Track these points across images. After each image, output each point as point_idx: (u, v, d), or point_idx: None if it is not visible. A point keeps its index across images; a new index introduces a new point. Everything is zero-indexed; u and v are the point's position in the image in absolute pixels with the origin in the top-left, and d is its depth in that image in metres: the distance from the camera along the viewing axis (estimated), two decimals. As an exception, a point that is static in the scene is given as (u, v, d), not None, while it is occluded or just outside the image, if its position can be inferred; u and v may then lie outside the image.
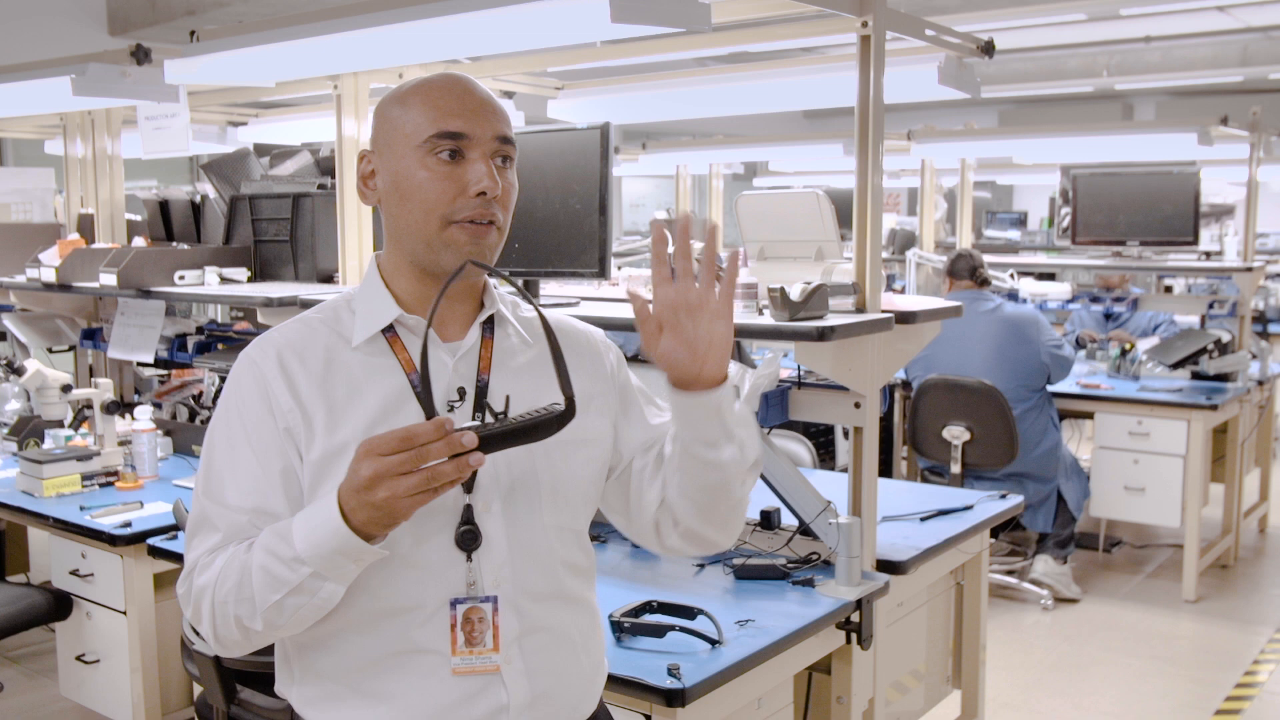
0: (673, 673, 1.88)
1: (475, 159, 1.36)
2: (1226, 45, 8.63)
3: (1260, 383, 5.25)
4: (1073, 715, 3.74)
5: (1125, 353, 5.30)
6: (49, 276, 3.86)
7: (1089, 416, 5.10)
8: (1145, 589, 4.93)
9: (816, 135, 7.34)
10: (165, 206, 4.24)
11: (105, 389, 3.37)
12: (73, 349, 4.41)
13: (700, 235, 1.32)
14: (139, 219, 4.41)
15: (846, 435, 3.56)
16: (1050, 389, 4.66)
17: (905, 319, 2.42)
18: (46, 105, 3.89)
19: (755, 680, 2.05)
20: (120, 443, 3.38)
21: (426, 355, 1.26)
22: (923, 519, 2.82)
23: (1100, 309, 6.01)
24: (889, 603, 2.45)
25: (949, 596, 2.95)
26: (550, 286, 2.92)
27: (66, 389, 3.69)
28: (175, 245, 4.01)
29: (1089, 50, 9.06)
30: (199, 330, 3.87)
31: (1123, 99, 12.00)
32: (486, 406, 1.36)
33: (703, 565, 2.51)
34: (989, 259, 4.99)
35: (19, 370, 3.79)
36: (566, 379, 1.26)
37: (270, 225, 3.64)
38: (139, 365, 4.21)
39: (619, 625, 2.04)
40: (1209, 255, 5.60)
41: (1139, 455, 4.80)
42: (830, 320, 2.25)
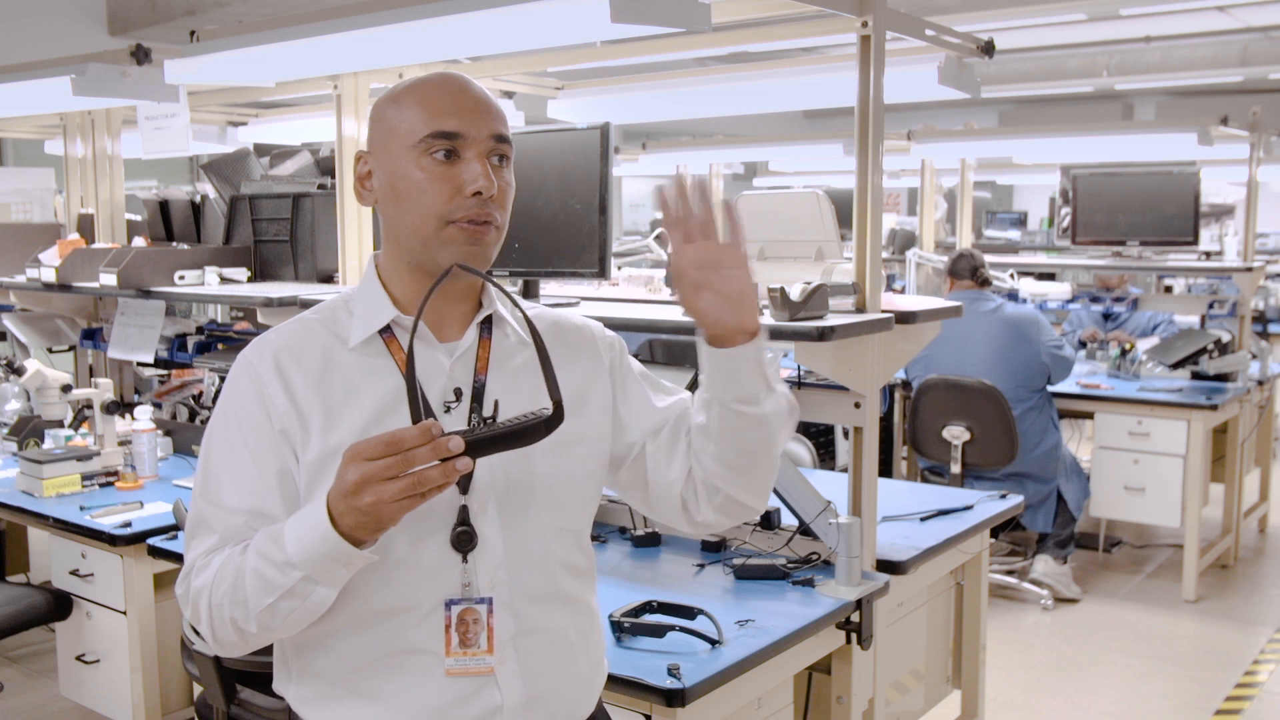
0: (673, 673, 1.88)
1: (471, 159, 1.35)
2: (1226, 45, 8.63)
3: (1260, 383, 5.25)
4: (1073, 715, 3.74)
5: (1125, 353, 5.30)
6: (49, 276, 3.86)
7: (1089, 416, 5.10)
8: (1145, 589, 4.93)
9: (816, 135, 7.35)
10: (165, 206, 4.24)
11: (105, 389, 3.37)
12: (73, 349, 4.41)
13: (694, 197, 1.34)
14: (139, 219, 4.41)
15: (846, 435, 3.56)
16: (1050, 389, 4.66)
17: (905, 319, 2.41)
18: (46, 105, 3.89)
19: (755, 680, 2.05)
20: (120, 443, 3.38)
21: (413, 358, 1.25)
22: (923, 519, 2.82)
23: (1100, 309, 6.01)
24: (889, 603, 2.45)
25: (949, 596, 2.95)
26: (550, 286, 2.92)
27: (66, 389, 3.69)
28: (175, 245, 4.00)
29: (1089, 50, 9.06)
30: (199, 330, 3.87)
31: (1123, 99, 12.01)
32: (475, 411, 1.36)
33: (703, 565, 2.51)
34: (989, 259, 4.99)
35: (19, 370, 3.79)
36: (555, 385, 1.25)
37: (270, 225, 3.64)
38: (139, 365, 4.21)
39: (619, 625, 2.04)
40: (1209, 255, 5.60)
41: (1139, 455, 4.80)
42: (830, 320, 2.25)
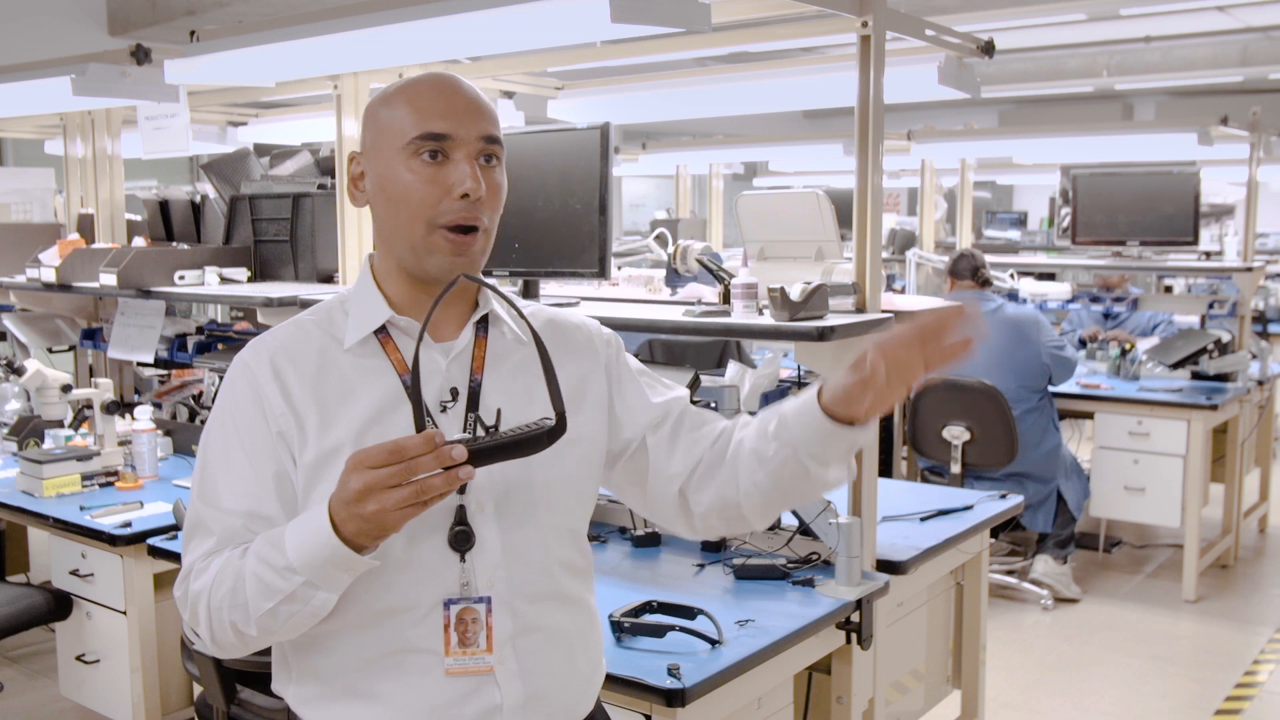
0: (673, 673, 1.88)
1: (459, 160, 1.34)
2: (1226, 45, 8.63)
3: (1260, 383, 5.25)
4: (1073, 715, 3.74)
5: (1125, 353, 5.30)
6: (49, 276, 3.86)
7: (1089, 416, 5.10)
8: (1145, 589, 4.93)
9: (816, 135, 7.34)
10: (165, 206, 4.24)
11: (105, 389, 3.37)
12: (73, 349, 4.41)
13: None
14: (139, 219, 4.41)
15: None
16: (1051, 389, 4.66)
17: (905, 319, 2.41)
18: (46, 105, 3.89)
19: (755, 680, 2.05)
20: (120, 443, 3.38)
21: (417, 367, 1.25)
22: (923, 519, 2.82)
23: (1100, 309, 6.00)
24: (889, 603, 2.45)
25: (949, 596, 2.95)
26: (550, 286, 2.92)
27: (66, 389, 3.69)
28: (175, 245, 4.01)
29: (1089, 50, 9.06)
30: (199, 330, 3.87)
31: (1123, 99, 12.00)
32: (478, 419, 1.36)
33: (703, 565, 2.51)
34: (989, 259, 4.98)
35: (19, 370, 3.79)
36: (558, 395, 1.26)
37: (270, 225, 3.64)
38: (139, 365, 4.21)
39: (619, 625, 2.04)
40: (1209, 255, 5.59)
41: (1139, 455, 4.80)
42: (830, 320, 2.25)
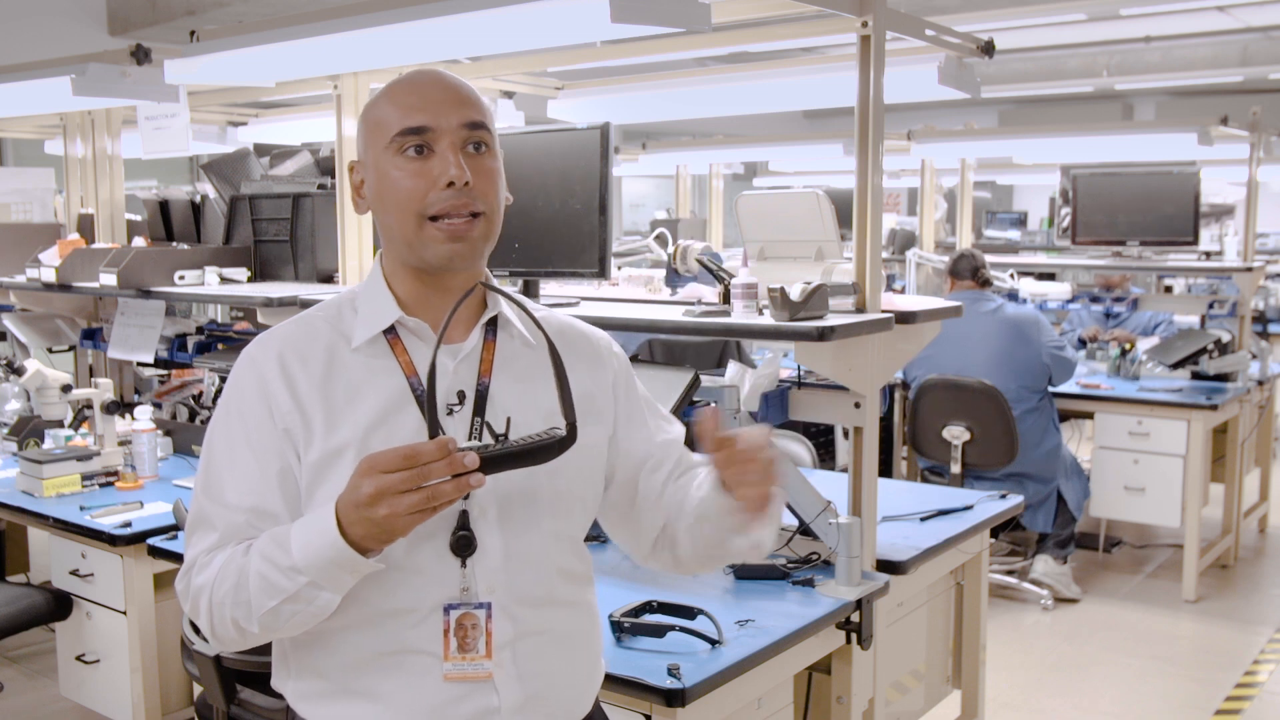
0: (673, 673, 1.88)
1: (443, 150, 1.34)
2: (1226, 45, 8.62)
3: (1260, 383, 5.25)
4: (1073, 715, 3.74)
5: (1125, 353, 5.30)
6: (49, 276, 3.86)
7: (1089, 416, 5.10)
8: (1145, 589, 4.93)
9: (816, 135, 7.34)
10: (165, 206, 4.24)
11: (105, 389, 3.37)
12: (73, 349, 4.41)
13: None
14: (139, 219, 4.41)
15: (846, 435, 3.56)
16: (1050, 389, 4.66)
17: (905, 319, 2.41)
18: (46, 105, 3.88)
19: (755, 680, 2.05)
20: (120, 443, 3.38)
21: (434, 374, 1.26)
22: (923, 519, 2.81)
23: (1100, 309, 6.00)
24: (889, 603, 2.45)
25: (949, 596, 2.94)
26: (550, 286, 2.92)
27: (66, 389, 3.69)
28: (175, 245, 4.00)
29: (1089, 50, 9.05)
30: (199, 330, 3.87)
31: (1123, 99, 12.00)
32: (487, 425, 1.36)
33: (703, 565, 2.51)
34: (989, 259, 4.98)
35: (19, 370, 3.78)
36: (570, 404, 1.27)
37: (270, 225, 3.64)
38: (139, 365, 4.21)
39: (619, 625, 2.04)
40: (1209, 255, 5.60)
41: (1139, 455, 4.80)
42: (830, 320, 2.25)
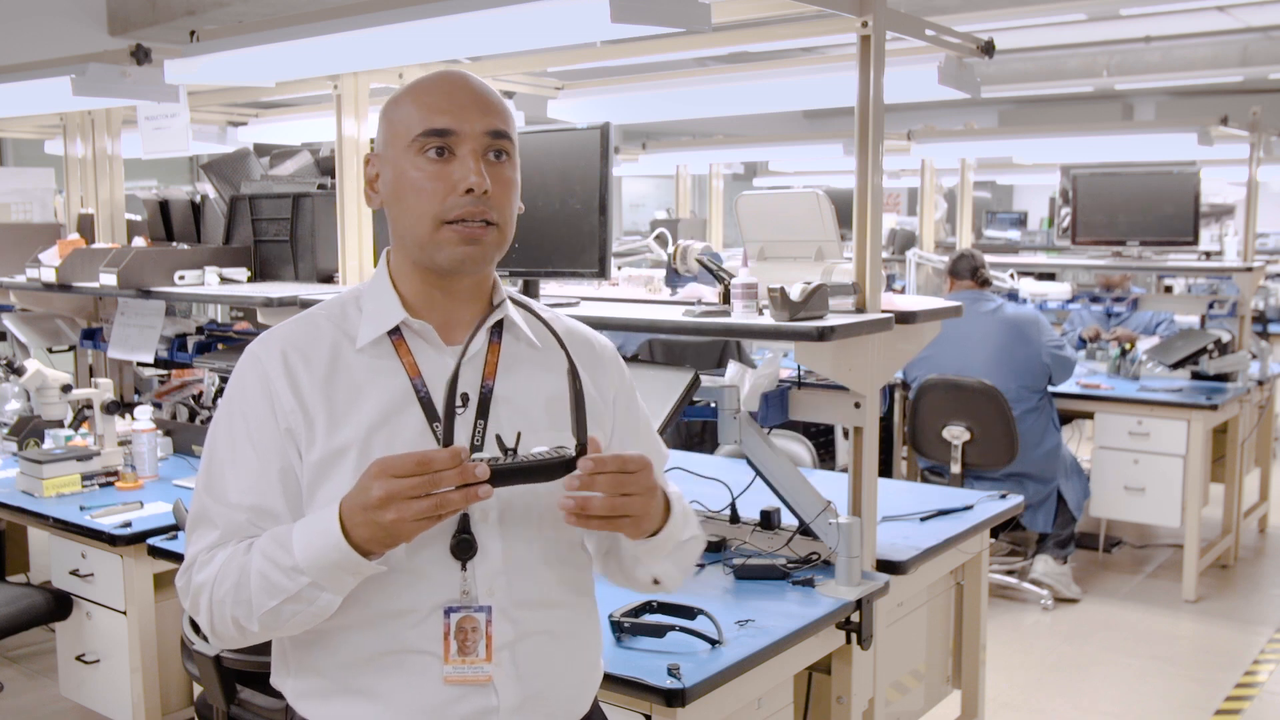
0: (673, 673, 1.88)
1: (464, 155, 1.34)
2: (1226, 45, 8.63)
3: (1260, 383, 5.25)
4: (1073, 715, 3.74)
5: (1125, 353, 5.31)
6: (49, 276, 3.86)
7: (1089, 416, 5.10)
8: (1145, 589, 4.93)
9: (816, 135, 7.34)
10: (165, 206, 4.24)
11: (105, 389, 3.37)
12: (73, 349, 4.41)
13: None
14: (139, 219, 4.41)
15: (846, 435, 3.56)
16: (1051, 389, 4.66)
17: (905, 319, 2.41)
18: (46, 105, 3.88)
19: (755, 680, 2.05)
20: (120, 443, 3.38)
21: (455, 383, 1.27)
22: (923, 519, 2.81)
23: (1100, 309, 6.00)
24: (889, 603, 2.45)
25: (949, 596, 2.94)
26: (550, 286, 2.92)
27: (66, 389, 3.68)
28: (175, 245, 4.00)
29: (1089, 50, 9.06)
30: (199, 330, 3.87)
31: (1123, 99, 12.00)
32: (497, 439, 1.35)
33: (703, 565, 2.50)
34: (989, 259, 4.98)
35: (19, 370, 3.78)
36: (584, 427, 1.28)
37: (270, 225, 3.64)
38: (139, 365, 4.21)
39: (619, 625, 2.04)
40: (1209, 255, 5.60)
41: (1139, 455, 4.80)
42: (830, 320, 2.25)
